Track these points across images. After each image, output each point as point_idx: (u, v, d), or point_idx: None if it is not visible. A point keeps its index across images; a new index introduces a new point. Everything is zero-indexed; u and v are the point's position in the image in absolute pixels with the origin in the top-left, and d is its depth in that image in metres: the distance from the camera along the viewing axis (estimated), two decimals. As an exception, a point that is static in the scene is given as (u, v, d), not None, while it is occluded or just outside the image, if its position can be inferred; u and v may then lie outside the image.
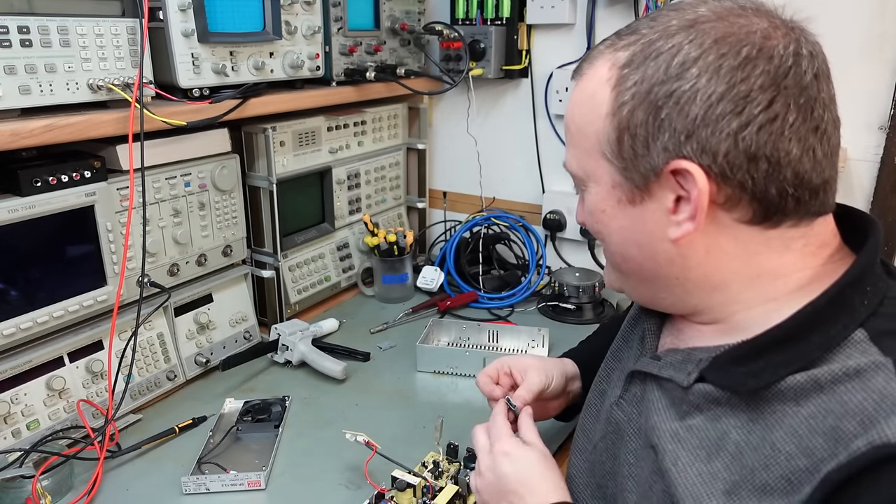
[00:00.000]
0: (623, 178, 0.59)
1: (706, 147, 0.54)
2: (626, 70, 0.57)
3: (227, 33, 1.12)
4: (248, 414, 1.08)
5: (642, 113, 0.56)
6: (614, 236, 0.64)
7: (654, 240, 0.60)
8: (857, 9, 1.23)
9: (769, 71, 0.53)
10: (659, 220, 0.59)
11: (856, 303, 0.54)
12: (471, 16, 1.59)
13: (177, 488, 0.93)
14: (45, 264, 0.97)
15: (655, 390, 0.65)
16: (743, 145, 0.53)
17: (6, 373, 0.95)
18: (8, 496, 0.87)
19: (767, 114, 0.53)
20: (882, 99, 1.25)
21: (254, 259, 1.38)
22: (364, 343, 1.36)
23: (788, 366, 0.53)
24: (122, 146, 1.03)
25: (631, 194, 0.60)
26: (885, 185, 1.27)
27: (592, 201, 0.64)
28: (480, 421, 0.83)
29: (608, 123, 0.58)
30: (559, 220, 1.62)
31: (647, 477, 0.62)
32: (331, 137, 1.49)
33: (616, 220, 0.62)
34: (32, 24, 0.87)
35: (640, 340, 0.74)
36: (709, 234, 0.57)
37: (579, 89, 0.63)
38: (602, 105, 0.59)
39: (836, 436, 0.49)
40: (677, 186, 0.56)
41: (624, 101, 0.57)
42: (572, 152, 0.64)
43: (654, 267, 0.62)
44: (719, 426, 0.57)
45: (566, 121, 0.65)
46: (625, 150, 0.58)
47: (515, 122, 1.68)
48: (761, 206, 0.56)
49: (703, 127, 0.53)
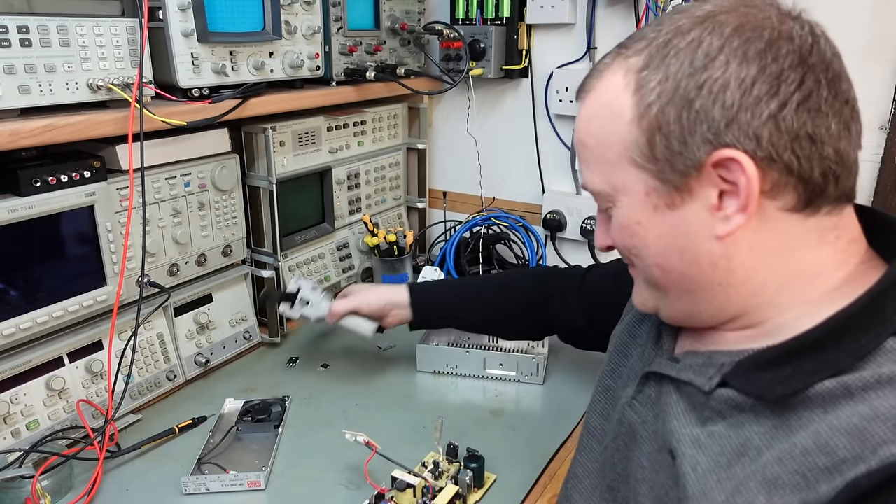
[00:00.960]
0: (659, 181, 0.57)
1: (748, 132, 0.52)
2: (645, 72, 0.56)
3: (227, 33, 1.12)
4: (248, 414, 1.08)
5: (673, 109, 0.54)
6: (652, 247, 0.60)
7: (697, 242, 0.57)
8: (857, 9, 1.23)
9: (794, 50, 0.53)
10: (703, 220, 0.56)
11: (888, 311, 0.53)
12: (471, 16, 1.59)
13: (177, 488, 0.93)
14: (44, 264, 0.97)
15: (673, 393, 0.63)
16: (784, 125, 0.52)
17: (6, 373, 0.95)
18: (7, 496, 0.87)
19: (802, 91, 0.52)
20: (882, 99, 1.25)
21: (254, 259, 1.37)
22: (364, 343, 1.36)
23: (817, 373, 0.52)
24: (122, 146, 1.03)
25: (669, 197, 0.57)
26: (886, 185, 1.27)
27: (624, 215, 0.60)
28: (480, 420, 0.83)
29: (635, 128, 0.56)
30: (559, 220, 1.62)
31: (663, 482, 0.61)
32: (331, 137, 1.49)
33: (654, 228, 0.59)
34: (32, 24, 0.87)
35: (655, 340, 0.72)
36: (752, 228, 0.55)
37: (590, 103, 0.61)
38: (624, 111, 0.57)
39: (863, 437, 0.47)
40: (719, 181, 0.54)
41: (650, 101, 0.55)
42: (594, 169, 0.62)
43: (696, 274, 0.59)
44: (742, 433, 0.55)
45: (580, 139, 0.63)
46: (658, 150, 0.56)
47: (515, 122, 1.68)
48: (806, 188, 0.54)
49: (741, 112, 0.52)
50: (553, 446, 1.04)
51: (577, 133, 0.64)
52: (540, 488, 0.96)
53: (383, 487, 0.88)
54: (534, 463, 1.00)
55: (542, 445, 1.04)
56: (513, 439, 1.06)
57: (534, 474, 0.97)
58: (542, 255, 1.61)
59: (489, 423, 1.10)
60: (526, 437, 1.06)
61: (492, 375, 1.23)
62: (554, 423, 1.09)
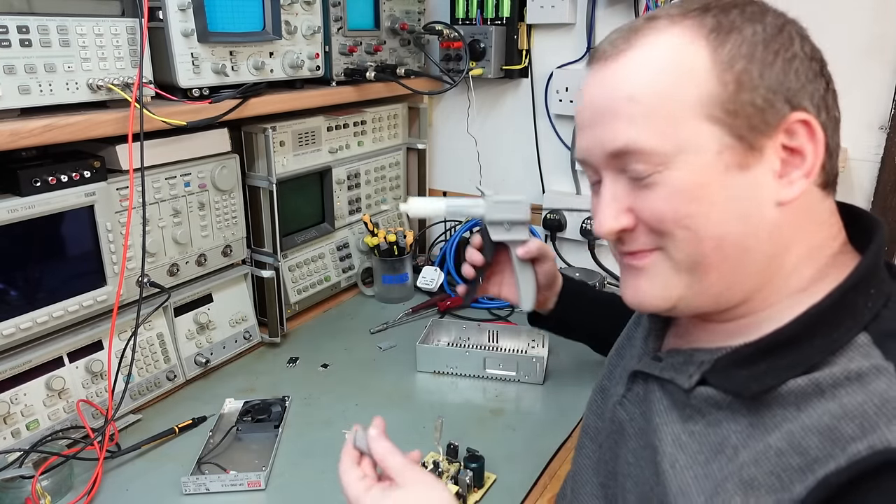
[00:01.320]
0: (734, 138, 0.54)
1: (813, 100, 0.56)
2: (716, 34, 0.55)
3: (227, 33, 1.12)
4: (248, 414, 1.08)
5: (756, 69, 0.54)
6: (714, 216, 0.55)
7: (761, 208, 0.55)
8: (858, 9, 1.23)
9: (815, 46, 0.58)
10: (769, 184, 0.55)
11: (859, 305, 0.54)
12: (471, 16, 1.59)
13: (177, 488, 0.93)
14: (44, 264, 0.97)
15: (657, 391, 0.64)
16: (828, 102, 0.57)
17: (6, 373, 0.95)
18: (7, 496, 0.87)
19: (827, 77, 0.57)
20: (882, 99, 1.25)
21: (254, 259, 1.37)
22: (364, 343, 1.36)
23: (791, 369, 0.53)
24: (122, 146, 1.03)
25: (743, 157, 0.54)
26: (886, 185, 1.27)
27: (686, 177, 0.55)
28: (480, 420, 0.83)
29: (716, 82, 0.54)
30: (559, 220, 1.62)
31: (647, 478, 0.62)
32: (331, 137, 1.49)
33: (721, 192, 0.55)
34: (32, 24, 0.87)
35: (644, 339, 0.72)
36: (799, 201, 0.56)
37: (638, 59, 0.57)
38: (702, 65, 0.54)
39: (833, 436, 0.48)
40: (780, 148, 0.55)
41: (732, 56, 0.54)
42: (645, 125, 0.56)
43: (754, 244, 0.56)
44: (720, 431, 0.56)
45: (624, 92, 0.57)
46: (741, 105, 0.54)
47: (515, 121, 1.68)
48: (830, 164, 0.58)
49: (808, 83, 0.56)
50: (553, 446, 1.04)
51: (617, 89, 0.57)
52: (540, 488, 0.96)
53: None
54: (534, 463, 1.00)
55: (542, 445, 1.04)
56: (513, 439, 1.06)
57: (534, 474, 0.97)
58: (542, 255, 1.61)
59: (489, 423, 1.10)
60: (526, 437, 1.06)
61: (492, 375, 1.23)
62: (554, 423, 1.09)
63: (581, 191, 1.63)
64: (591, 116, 0.60)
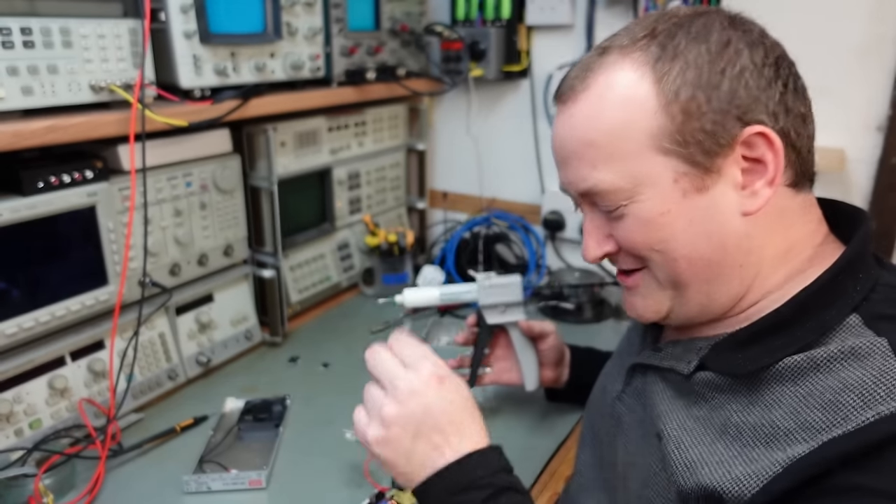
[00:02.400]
0: (689, 165, 0.57)
1: (768, 110, 0.57)
2: (661, 63, 0.57)
3: (229, 34, 1.13)
4: (249, 413, 1.08)
5: (702, 93, 0.56)
6: (681, 237, 0.59)
7: (725, 222, 0.59)
8: (855, 11, 1.23)
9: (775, 43, 0.59)
10: (731, 199, 0.58)
11: (849, 288, 0.56)
12: (471, 17, 1.59)
13: (178, 487, 0.93)
14: (47, 264, 0.97)
15: (659, 382, 0.66)
16: (789, 104, 0.58)
17: (8, 372, 0.96)
18: (10, 495, 0.87)
19: (792, 76, 0.58)
20: (880, 100, 1.25)
21: (255, 259, 1.38)
22: (365, 343, 1.36)
23: (785, 349, 0.55)
24: (124, 147, 1.04)
25: (700, 180, 0.58)
26: (883, 185, 1.27)
27: (649, 208, 0.59)
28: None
29: (662, 115, 0.57)
30: (559, 220, 1.63)
31: (651, 465, 0.63)
32: (331, 138, 1.49)
33: (683, 216, 0.59)
34: (35, 26, 0.87)
35: (643, 335, 0.75)
36: (770, 205, 0.58)
37: (590, 102, 0.60)
38: (647, 101, 0.57)
39: (835, 408, 0.50)
40: (741, 160, 0.58)
41: (676, 88, 0.56)
42: (604, 166, 0.60)
43: (721, 257, 0.59)
44: (723, 413, 0.58)
45: (579, 137, 0.61)
46: (689, 133, 0.57)
47: (515, 122, 1.68)
48: (800, 163, 0.59)
49: (761, 92, 0.57)
50: (553, 446, 1.04)
51: (573, 133, 0.61)
52: (540, 487, 0.96)
53: (383, 487, 0.89)
54: (534, 463, 1.00)
55: (542, 445, 1.04)
56: (513, 439, 1.06)
57: (534, 474, 0.98)
58: (541, 255, 1.61)
59: (489, 423, 1.09)
60: (525, 436, 1.07)
61: (492, 375, 1.24)
62: (553, 423, 1.10)
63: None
64: (560, 158, 0.65)
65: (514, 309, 1.01)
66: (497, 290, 0.99)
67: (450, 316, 1.49)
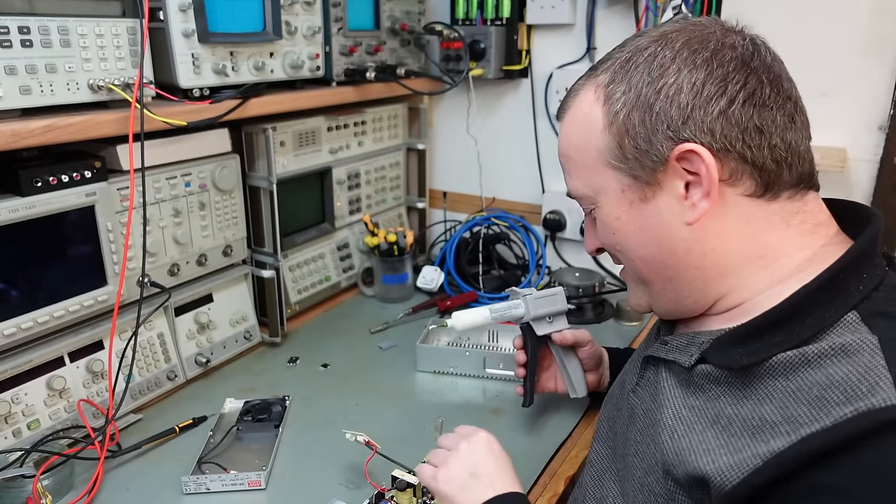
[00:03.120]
0: (631, 178, 0.64)
1: (703, 127, 0.60)
2: (611, 86, 0.64)
3: (228, 33, 1.12)
4: (249, 414, 1.08)
5: (637, 114, 0.62)
6: (632, 240, 0.67)
7: (671, 230, 0.64)
8: (857, 10, 1.23)
9: (736, 57, 0.60)
10: (673, 209, 0.63)
11: (851, 287, 0.57)
12: (471, 16, 1.59)
13: (177, 488, 0.93)
14: (45, 264, 0.97)
15: (664, 372, 0.69)
16: (734, 119, 0.59)
17: (7, 372, 0.95)
18: (9, 496, 0.87)
19: (746, 90, 0.60)
20: (882, 99, 1.25)
21: (254, 259, 1.38)
22: (364, 343, 1.37)
23: (782, 345, 0.56)
24: (123, 146, 1.03)
25: (642, 192, 0.64)
26: (885, 185, 1.27)
27: (606, 213, 0.68)
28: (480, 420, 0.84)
29: (607, 134, 0.64)
30: (559, 220, 1.63)
31: (652, 452, 0.65)
32: (331, 137, 1.49)
33: (632, 221, 0.66)
34: (33, 25, 0.87)
35: (657, 331, 0.79)
36: (718, 214, 0.62)
37: (569, 119, 0.69)
38: (597, 121, 0.65)
39: (819, 404, 0.51)
40: (684, 173, 0.62)
41: (617, 109, 0.63)
42: (576, 176, 0.70)
43: (674, 261, 0.65)
44: (717, 405, 0.60)
45: (563, 152, 0.71)
46: (628, 150, 0.63)
47: (515, 122, 1.68)
48: (762, 175, 0.61)
49: (695, 110, 0.60)
50: (553, 446, 1.04)
51: (560, 148, 0.72)
52: (540, 488, 0.96)
53: (383, 487, 0.89)
54: (534, 463, 1.00)
55: (542, 445, 1.04)
56: (513, 439, 1.06)
57: (534, 474, 0.98)
58: (541, 255, 1.61)
59: (489, 423, 1.10)
60: (526, 437, 1.07)
61: (492, 375, 1.23)
62: (554, 424, 1.09)
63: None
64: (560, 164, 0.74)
65: (559, 318, 1.03)
66: (544, 301, 1.02)
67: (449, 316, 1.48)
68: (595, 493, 0.79)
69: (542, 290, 1.03)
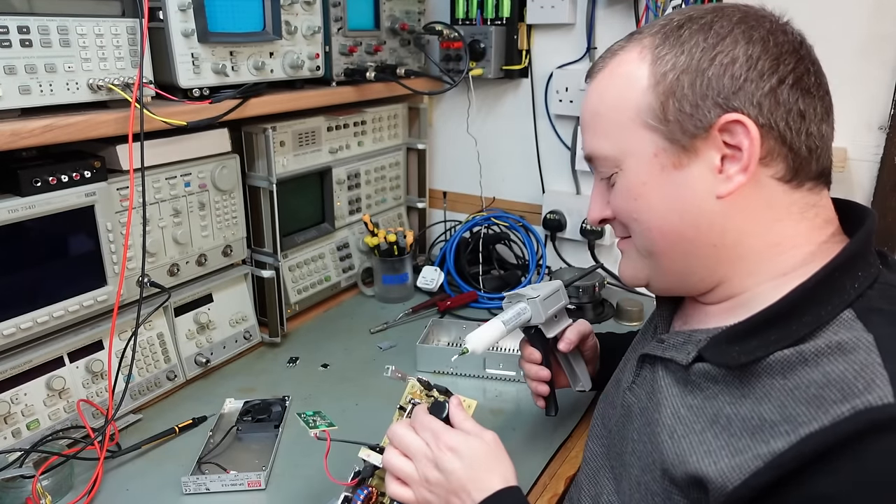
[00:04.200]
0: (668, 142, 0.62)
1: (752, 100, 0.59)
2: (660, 48, 0.62)
3: (227, 33, 1.12)
4: (248, 414, 1.08)
5: (687, 77, 0.60)
6: (655, 209, 0.65)
7: (698, 201, 0.62)
8: (857, 9, 1.23)
9: (788, 41, 0.61)
10: (706, 180, 0.62)
11: (846, 285, 0.58)
12: (471, 16, 1.59)
13: (177, 488, 0.93)
14: (45, 264, 0.97)
15: (660, 370, 0.69)
16: (782, 98, 0.59)
17: (6, 373, 0.95)
18: (8, 496, 0.87)
19: (796, 73, 0.60)
20: (882, 99, 1.25)
21: (254, 259, 1.38)
22: (364, 343, 1.37)
23: (778, 343, 0.57)
24: (122, 146, 1.03)
25: (677, 157, 0.62)
26: (885, 185, 1.27)
27: (631, 177, 0.65)
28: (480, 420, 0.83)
29: (650, 93, 0.62)
30: (559, 220, 1.62)
31: (650, 451, 0.65)
32: (331, 137, 1.49)
33: (659, 189, 0.64)
34: (32, 24, 0.87)
35: (654, 328, 0.78)
36: (747, 193, 0.61)
37: (604, 77, 0.67)
38: (640, 80, 0.63)
39: (817, 402, 0.52)
40: (722, 146, 0.60)
41: (665, 70, 0.61)
42: (603, 135, 0.67)
43: (694, 235, 0.63)
44: (715, 404, 0.60)
45: (592, 110, 0.68)
46: (671, 112, 0.61)
47: (515, 122, 1.68)
48: (795, 159, 0.61)
49: (747, 82, 0.59)
50: (553, 446, 1.04)
51: (588, 105, 0.69)
52: (540, 488, 0.96)
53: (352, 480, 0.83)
54: (534, 463, 1.00)
55: (542, 445, 1.04)
56: (513, 439, 1.06)
57: (534, 474, 0.98)
58: (542, 255, 1.61)
59: (489, 423, 1.10)
60: (526, 437, 1.07)
61: (492, 375, 1.23)
62: (554, 423, 1.09)
63: (581, 191, 1.63)
64: (581, 126, 0.72)
65: (562, 315, 0.99)
66: (550, 300, 0.95)
67: (449, 316, 1.48)
68: (590, 490, 0.78)
69: (542, 287, 0.96)
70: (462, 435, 0.73)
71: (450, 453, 0.71)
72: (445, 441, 0.72)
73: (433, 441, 0.73)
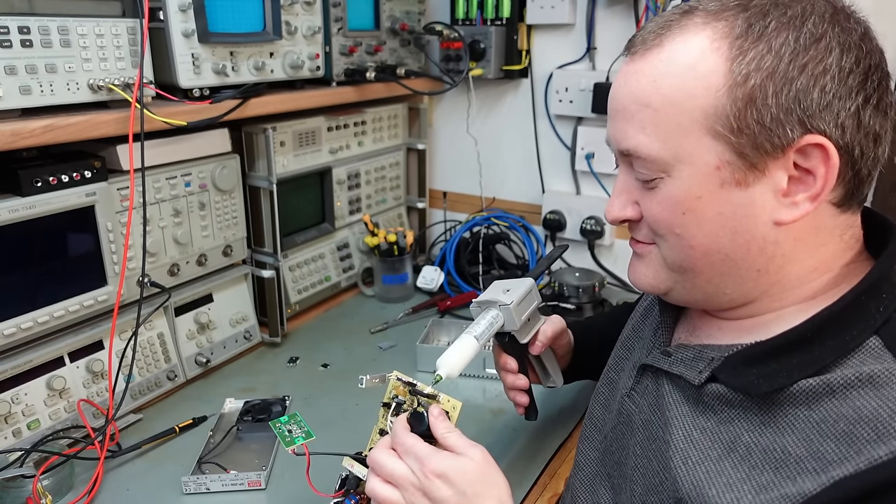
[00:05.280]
0: (736, 155, 0.54)
1: (837, 120, 0.51)
2: (742, 41, 0.53)
3: (228, 33, 1.12)
4: (249, 414, 1.08)
5: (773, 85, 0.51)
6: (704, 228, 0.57)
7: (754, 225, 0.55)
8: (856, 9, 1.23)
9: (875, 49, 0.54)
10: (767, 202, 0.54)
11: (871, 309, 0.53)
12: (471, 16, 1.59)
13: (177, 488, 0.93)
14: (45, 264, 0.97)
15: (666, 385, 0.64)
16: (864, 120, 0.52)
17: (7, 373, 0.95)
18: (9, 496, 0.87)
19: (879, 91, 0.53)
20: (882, 99, 1.25)
21: (254, 259, 1.38)
22: (364, 343, 1.37)
23: (802, 370, 0.52)
24: (123, 146, 1.03)
25: (742, 174, 0.54)
26: (885, 185, 1.27)
27: (683, 188, 0.56)
28: (480, 420, 0.82)
29: (725, 96, 0.53)
30: (559, 220, 1.62)
31: (656, 470, 0.62)
32: (331, 137, 1.49)
33: (713, 206, 0.56)
34: (33, 25, 0.87)
35: (653, 333, 0.73)
36: (804, 221, 0.55)
37: (660, 61, 0.56)
38: (712, 77, 0.53)
39: (849, 440, 0.48)
40: (792, 167, 0.53)
41: (748, 72, 0.52)
42: (653, 132, 0.56)
43: (741, 257, 0.57)
44: (732, 429, 0.56)
45: (644, 99, 0.57)
46: (747, 124, 0.52)
47: (515, 122, 1.68)
48: (854, 183, 0.55)
49: (836, 99, 0.51)
50: (553, 446, 1.04)
51: (632, 90, 0.58)
52: (540, 488, 0.96)
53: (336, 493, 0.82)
54: (534, 463, 1.00)
55: (542, 445, 1.04)
56: (513, 439, 1.06)
57: (534, 474, 0.98)
58: (541, 255, 1.61)
59: (489, 423, 1.10)
60: (526, 436, 1.07)
61: (492, 375, 1.23)
62: (554, 423, 1.09)
63: (581, 191, 1.63)
64: (614, 110, 0.61)
65: (535, 316, 0.92)
66: (522, 305, 0.87)
67: (449, 316, 1.48)
68: (586, 499, 0.75)
69: (514, 288, 0.87)
70: (450, 458, 0.65)
71: (438, 480, 0.63)
72: (432, 468, 0.63)
73: (418, 467, 0.64)
